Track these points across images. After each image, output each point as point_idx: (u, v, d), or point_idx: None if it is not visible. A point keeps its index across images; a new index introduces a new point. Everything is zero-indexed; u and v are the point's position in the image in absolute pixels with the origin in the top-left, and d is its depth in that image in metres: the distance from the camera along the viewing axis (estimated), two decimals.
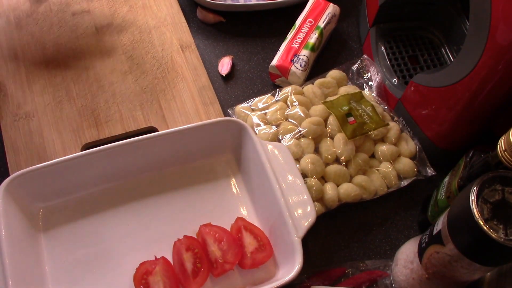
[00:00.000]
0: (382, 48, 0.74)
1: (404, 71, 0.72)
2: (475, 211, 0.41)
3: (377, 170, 0.63)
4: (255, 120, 0.65)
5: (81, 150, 0.62)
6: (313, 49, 0.72)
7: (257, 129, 0.64)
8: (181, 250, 0.53)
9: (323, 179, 0.62)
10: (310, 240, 0.61)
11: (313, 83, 0.69)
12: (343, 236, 0.62)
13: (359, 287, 0.57)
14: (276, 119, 0.65)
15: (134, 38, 0.74)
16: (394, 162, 0.64)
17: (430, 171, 0.64)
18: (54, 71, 0.69)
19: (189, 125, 0.59)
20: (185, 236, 0.55)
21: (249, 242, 0.55)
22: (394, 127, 0.65)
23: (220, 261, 0.53)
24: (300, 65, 0.70)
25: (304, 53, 0.71)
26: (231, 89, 0.73)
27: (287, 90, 0.67)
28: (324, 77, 0.70)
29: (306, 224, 0.53)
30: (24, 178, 0.53)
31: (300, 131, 0.63)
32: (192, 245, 0.54)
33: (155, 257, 0.53)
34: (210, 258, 0.53)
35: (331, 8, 0.76)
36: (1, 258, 0.49)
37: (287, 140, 0.62)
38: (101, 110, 0.66)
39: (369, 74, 0.72)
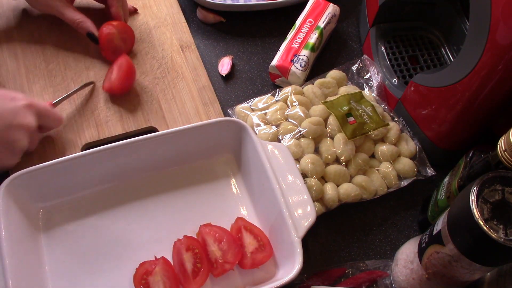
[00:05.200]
0: (382, 48, 0.74)
1: (404, 71, 0.72)
2: (475, 211, 0.41)
3: (377, 170, 0.63)
4: (255, 120, 0.65)
5: (81, 150, 0.62)
6: (313, 49, 0.72)
7: (257, 129, 0.64)
8: (181, 250, 0.53)
9: (323, 179, 0.62)
10: (310, 240, 0.61)
11: (313, 83, 0.69)
12: (343, 236, 0.62)
13: (359, 287, 0.57)
14: (276, 119, 0.65)
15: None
16: (394, 162, 0.64)
17: (430, 171, 0.64)
18: (54, 71, 0.69)
19: (189, 125, 0.59)
20: (185, 236, 0.55)
21: (249, 242, 0.55)
22: (394, 127, 0.65)
23: (220, 261, 0.53)
24: (300, 65, 0.70)
25: (304, 53, 0.71)
26: (231, 89, 0.73)
27: (287, 90, 0.67)
28: (324, 77, 0.70)
29: (306, 224, 0.53)
30: (24, 178, 0.53)
31: (300, 131, 0.63)
32: (192, 245, 0.54)
33: (155, 257, 0.53)
34: (210, 258, 0.53)
35: (331, 8, 0.76)
36: (1, 258, 0.49)
37: (287, 140, 0.62)
38: (101, 110, 0.66)
39: (369, 74, 0.72)
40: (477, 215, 0.41)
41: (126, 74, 0.66)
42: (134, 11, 0.77)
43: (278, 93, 0.68)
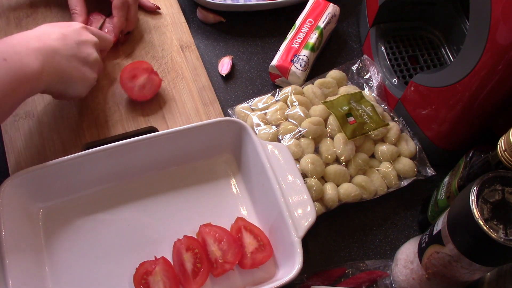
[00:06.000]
0: (382, 48, 0.74)
1: (404, 71, 0.72)
2: (475, 211, 0.41)
3: (377, 170, 0.63)
4: (255, 120, 0.65)
5: (82, 150, 0.62)
6: (313, 49, 0.72)
7: (257, 129, 0.64)
8: (181, 250, 0.53)
9: (323, 179, 0.62)
10: (310, 240, 0.61)
11: (313, 83, 0.69)
12: (343, 236, 0.62)
13: (359, 287, 0.57)
14: (276, 119, 0.65)
15: (134, 38, 0.74)
16: (394, 162, 0.64)
17: (430, 171, 0.64)
18: None
19: (189, 125, 0.59)
20: (185, 236, 0.55)
21: (249, 242, 0.55)
22: (394, 127, 0.65)
23: (220, 261, 0.53)
24: (300, 65, 0.70)
25: (304, 53, 0.71)
26: (231, 89, 0.73)
27: (287, 90, 0.67)
28: (324, 77, 0.70)
29: (306, 224, 0.53)
30: (24, 178, 0.53)
31: (300, 131, 0.63)
32: (192, 245, 0.54)
33: (155, 257, 0.53)
34: (210, 258, 0.53)
35: (331, 8, 0.76)
36: (1, 258, 0.49)
37: (287, 140, 0.62)
38: (101, 110, 0.66)
39: (369, 74, 0.72)
40: (477, 215, 0.41)
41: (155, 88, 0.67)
42: (155, 9, 0.76)
43: (278, 93, 0.68)
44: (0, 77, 0.47)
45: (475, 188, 0.42)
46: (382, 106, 0.68)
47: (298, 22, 0.75)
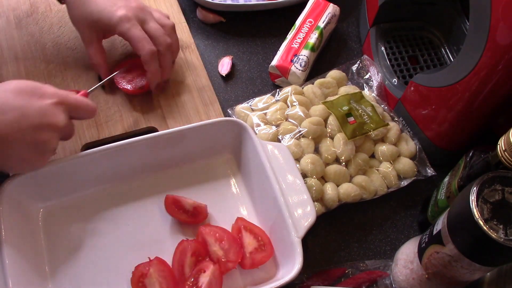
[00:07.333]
0: (382, 48, 0.74)
1: (404, 71, 0.72)
2: (475, 211, 0.41)
3: (377, 170, 0.63)
4: (255, 120, 0.65)
5: (81, 150, 0.62)
6: (313, 49, 0.72)
7: (257, 129, 0.64)
8: (187, 252, 0.53)
9: (323, 179, 0.62)
10: (310, 240, 0.61)
11: (313, 83, 0.69)
12: (343, 236, 0.62)
13: (359, 287, 0.57)
14: (276, 119, 0.65)
15: None
16: (394, 162, 0.64)
17: (430, 171, 0.64)
18: (54, 71, 0.69)
19: (189, 125, 0.59)
20: (194, 240, 0.55)
21: (249, 242, 0.55)
22: (394, 127, 0.65)
23: (223, 260, 0.53)
24: (300, 65, 0.70)
25: (304, 53, 0.71)
26: (231, 89, 0.73)
27: (287, 90, 0.67)
28: (324, 77, 0.70)
29: (306, 224, 0.53)
30: (24, 178, 0.53)
31: (300, 131, 0.63)
32: (197, 250, 0.54)
33: (149, 258, 0.53)
34: (212, 258, 0.53)
35: (331, 8, 0.76)
36: (1, 258, 0.49)
37: (287, 140, 0.62)
38: (101, 110, 0.66)
39: (369, 74, 0.72)
40: (477, 215, 0.41)
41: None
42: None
43: (278, 93, 0.68)
44: None
45: (475, 188, 0.42)
46: (382, 106, 0.68)
47: (298, 22, 0.75)
